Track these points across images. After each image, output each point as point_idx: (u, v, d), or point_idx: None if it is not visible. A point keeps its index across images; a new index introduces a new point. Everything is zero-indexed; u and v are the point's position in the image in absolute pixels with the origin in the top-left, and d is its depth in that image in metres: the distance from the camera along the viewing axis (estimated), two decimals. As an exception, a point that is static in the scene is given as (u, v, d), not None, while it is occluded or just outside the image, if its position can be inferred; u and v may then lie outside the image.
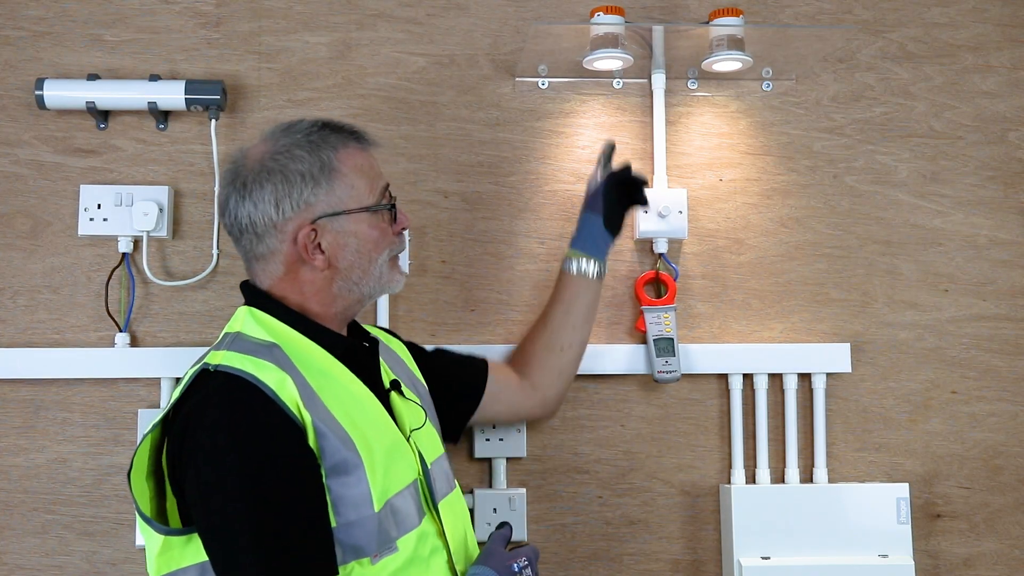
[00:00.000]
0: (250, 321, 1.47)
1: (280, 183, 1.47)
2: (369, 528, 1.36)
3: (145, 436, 1.41)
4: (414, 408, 1.57)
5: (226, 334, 1.48)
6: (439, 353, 1.85)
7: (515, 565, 1.46)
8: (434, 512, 1.48)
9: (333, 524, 1.35)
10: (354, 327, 1.62)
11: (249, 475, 1.30)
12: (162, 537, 1.39)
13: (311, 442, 1.35)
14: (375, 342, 1.59)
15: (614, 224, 1.86)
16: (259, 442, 1.32)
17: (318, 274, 1.49)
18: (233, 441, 1.32)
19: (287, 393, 1.35)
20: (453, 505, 1.55)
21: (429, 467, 1.50)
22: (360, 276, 1.51)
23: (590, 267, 1.85)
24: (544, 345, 1.86)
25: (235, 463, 1.31)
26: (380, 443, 1.42)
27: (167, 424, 1.40)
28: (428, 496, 1.48)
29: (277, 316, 1.48)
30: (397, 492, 1.41)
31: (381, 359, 1.60)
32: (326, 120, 1.54)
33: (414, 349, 1.79)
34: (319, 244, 1.48)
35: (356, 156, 1.52)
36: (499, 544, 1.51)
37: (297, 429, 1.34)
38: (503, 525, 1.58)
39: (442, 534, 1.47)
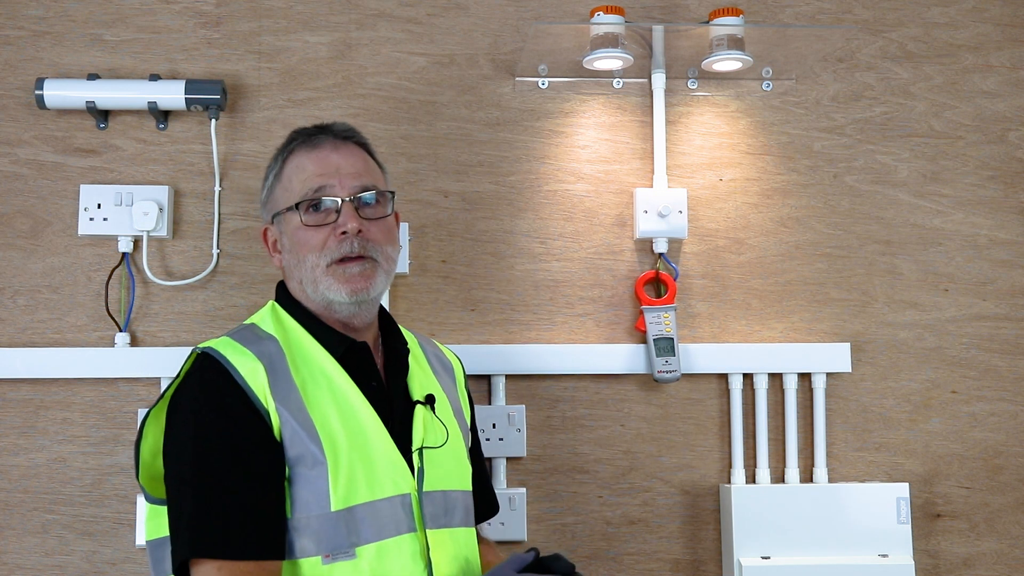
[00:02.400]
0: (268, 316, 1.52)
1: (261, 184, 1.60)
2: (323, 527, 1.36)
3: (152, 411, 1.45)
4: (438, 427, 1.52)
5: (242, 323, 1.53)
6: (477, 452, 1.70)
7: None
8: (423, 534, 1.42)
9: (289, 516, 1.36)
10: (390, 330, 1.59)
11: (200, 450, 1.35)
12: (148, 504, 1.46)
13: (275, 431, 1.37)
14: (404, 348, 1.57)
15: None
16: (216, 421, 1.36)
17: (287, 272, 1.55)
18: (193, 417, 1.37)
19: (256, 382, 1.38)
20: (457, 539, 1.48)
21: (424, 491, 1.44)
22: (300, 276, 1.51)
23: None
24: None
25: (190, 437, 1.36)
26: (354, 448, 1.40)
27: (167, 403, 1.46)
28: (420, 516, 1.43)
29: (290, 311, 1.52)
30: (370, 500, 1.39)
31: (426, 369, 1.59)
32: (312, 126, 1.58)
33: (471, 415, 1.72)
34: (275, 241, 1.57)
35: (299, 157, 1.53)
36: (512, 567, 1.39)
37: (258, 415, 1.37)
38: (531, 551, 1.43)
39: (425, 555, 1.41)
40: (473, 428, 1.71)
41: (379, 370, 1.53)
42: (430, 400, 1.53)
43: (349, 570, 1.36)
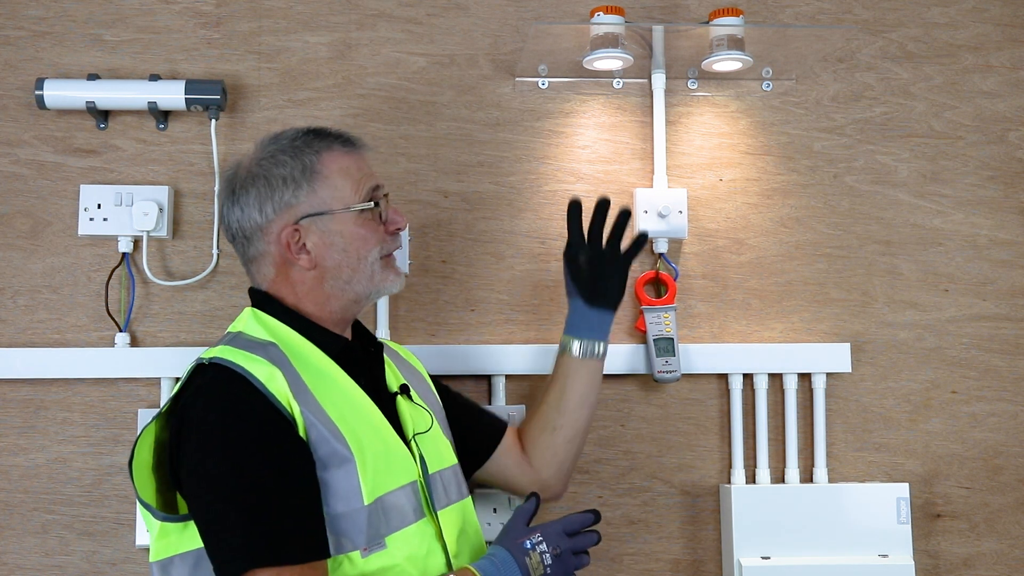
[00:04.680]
0: (252, 322, 1.51)
1: (263, 187, 1.54)
2: (358, 521, 1.38)
3: (145, 428, 1.45)
4: (421, 412, 1.58)
5: (227, 333, 1.52)
6: (459, 397, 1.82)
7: (527, 542, 1.42)
8: (434, 516, 1.48)
9: (324, 515, 1.38)
10: (359, 330, 1.64)
11: (236, 461, 1.34)
12: (159, 523, 1.44)
13: (301, 433, 1.38)
14: (379, 345, 1.62)
15: (600, 296, 1.80)
16: (246, 429, 1.36)
17: (307, 274, 1.53)
18: (221, 429, 1.36)
19: (276, 386, 1.38)
20: (460, 513, 1.55)
21: (430, 474, 1.50)
22: (350, 275, 1.53)
23: (576, 347, 1.79)
24: (539, 423, 1.80)
25: (223, 449, 1.35)
26: (372, 441, 1.43)
27: (168, 419, 1.44)
28: (428, 499, 1.48)
29: (277, 317, 1.52)
30: (391, 490, 1.43)
31: (391, 364, 1.63)
32: (315, 127, 1.59)
33: (437, 384, 1.78)
34: (303, 244, 1.53)
35: (340, 159, 1.55)
36: (520, 520, 1.49)
37: (285, 419, 1.37)
38: (531, 497, 1.53)
39: (440, 537, 1.47)
40: (442, 388, 1.77)
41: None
42: (404, 390, 1.57)
43: (384, 560, 1.39)
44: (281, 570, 1.31)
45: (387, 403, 1.54)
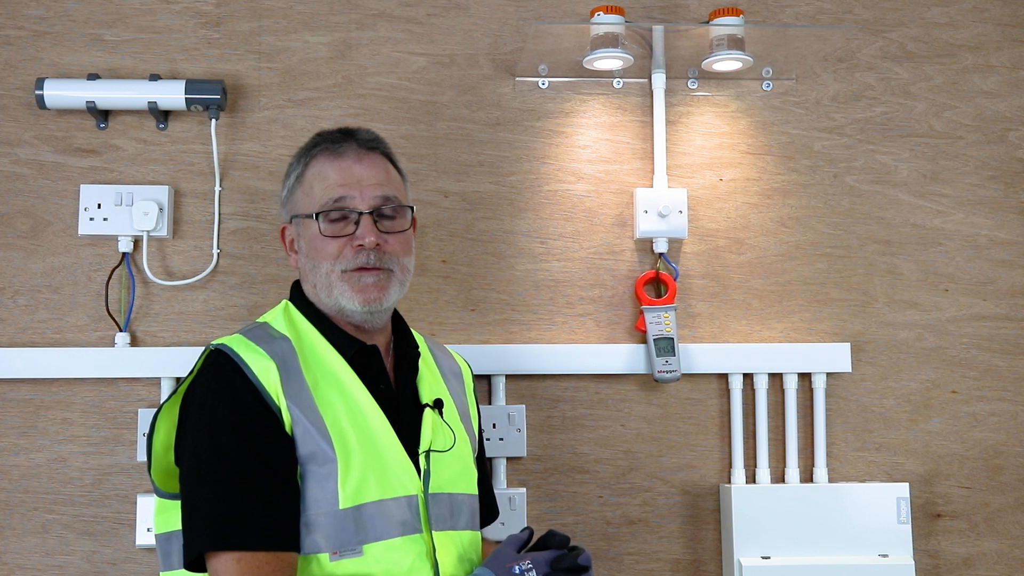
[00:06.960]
0: (280, 316, 1.54)
1: (283, 182, 1.61)
2: (331, 524, 1.37)
3: (164, 405, 1.47)
4: (445, 431, 1.54)
5: (254, 321, 1.55)
6: (481, 456, 1.71)
7: (516, 567, 1.41)
8: (429, 534, 1.45)
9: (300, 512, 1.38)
10: (401, 332, 1.60)
11: (216, 444, 1.37)
12: (158, 499, 1.49)
13: (287, 428, 1.39)
14: (414, 351, 1.59)
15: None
16: (230, 415, 1.38)
17: (302, 273, 1.56)
18: (208, 412, 1.39)
19: (268, 380, 1.40)
20: (461, 542, 1.50)
21: (430, 493, 1.46)
22: (315, 281, 1.52)
23: None
24: None
25: (206, 431, 1.38)
26: (365, 448, 1.42)
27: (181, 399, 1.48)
28: (427, 517, 1.45)
29: (303, 311, 1.54)
30: (379, 499, 1.41)
31: (437, 374, 1.61)
32: (339, 128, 1.59)
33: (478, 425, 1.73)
34: (292, 242, 1.58)
35: (322, 162, 1.54)
36: (510, 547, 1.46)
37: (271, 412, 1.39)
38: (525, 529, 1.50)
39: (432, 555, 1.43)
40: (479, 434, 1.72)
41: (389, 373, 1.55)
42: (439, 404, 1.54)
43: (356, 567, 1.38)
44: (242, 555, 1.32)
45: (412, 413, 1.52)
